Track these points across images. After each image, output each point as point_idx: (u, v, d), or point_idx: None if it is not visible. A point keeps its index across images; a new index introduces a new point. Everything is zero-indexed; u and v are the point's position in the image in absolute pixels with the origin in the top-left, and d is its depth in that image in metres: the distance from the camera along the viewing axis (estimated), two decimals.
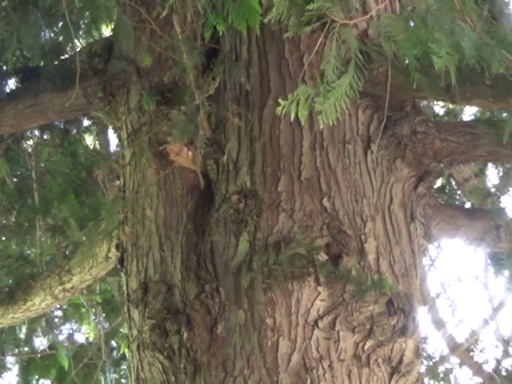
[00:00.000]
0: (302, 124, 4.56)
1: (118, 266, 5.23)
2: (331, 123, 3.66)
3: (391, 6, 4.98)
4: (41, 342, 8.80)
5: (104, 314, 8.63)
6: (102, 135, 7.81)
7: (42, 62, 6.02)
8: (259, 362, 4.07)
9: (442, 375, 9.20)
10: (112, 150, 7.65)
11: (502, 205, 7.15)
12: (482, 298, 9.38)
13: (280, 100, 3.61)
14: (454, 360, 9.14)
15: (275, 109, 4.55)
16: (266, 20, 3.61)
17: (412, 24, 3.71)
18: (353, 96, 3.71)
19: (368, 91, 4.56)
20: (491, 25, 3.55)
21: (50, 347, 8.32)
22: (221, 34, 3.89)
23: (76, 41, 5.86)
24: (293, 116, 3.62)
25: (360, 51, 4.06)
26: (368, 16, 3.72)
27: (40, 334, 8.74)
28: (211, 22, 3.65)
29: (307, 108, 3.59)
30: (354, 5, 4.08)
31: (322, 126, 3.69)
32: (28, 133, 7.59)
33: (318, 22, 3.60)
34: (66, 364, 7.86)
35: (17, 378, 8.92)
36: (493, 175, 7.75)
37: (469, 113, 8.20)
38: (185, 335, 4.29)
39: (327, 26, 3.61)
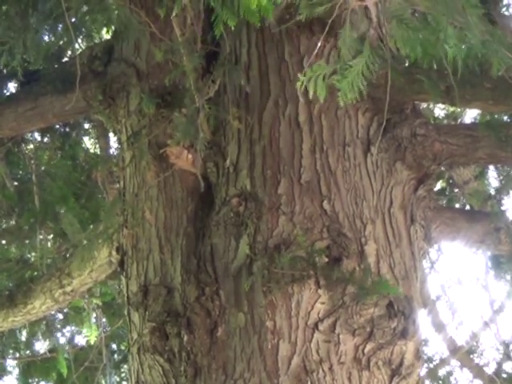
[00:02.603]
0: (302, 126, 4.57)
1: (118, 269, 5.23)
2: (351, 101, 3.62)
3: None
4: (41, 346, 8.81)
5: (105, 317, 8.64)
6: (101, 138, 7.80)
7: (42, 66, 6.01)
8: (259, 364, 4.07)
9: (442, 378, 9.20)
10: (112, 153, 7.66)
11: (502, 207, 7.16)
12: (483, 301, 9.37)
13: (299, 75, 3.57)
14: (455, 363, 9.15)
15: (275, 111, 4.61)
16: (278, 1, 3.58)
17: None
18: (369, 76, 3.68)
19: (368, 94, 4.57)
20: (490, 27, 3.54)
21: (51, 350, 8.32)
22: (222, 35, 3.88)
23: (76, 44, 5.84)
24: (311, 93, 3.58)
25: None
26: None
27: (40, 337, 8.73)
28: (221, 17, 3.62)
29: (325, 86, 3.56)
30: None
31: (341, 104, 3.64)
32: (28, 136, 7.61)
33: (330, 2, 3.58)
34: (65, 370, 7.86)
35: (17, 382, 8.92)
36: (493, 178, 7.76)
37: (469, 116, 8.22)
38: (185, 338, 4.28)
39: (337, 8, 3.59)
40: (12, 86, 6.50)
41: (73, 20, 4.91)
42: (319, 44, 4.15)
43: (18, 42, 4.86)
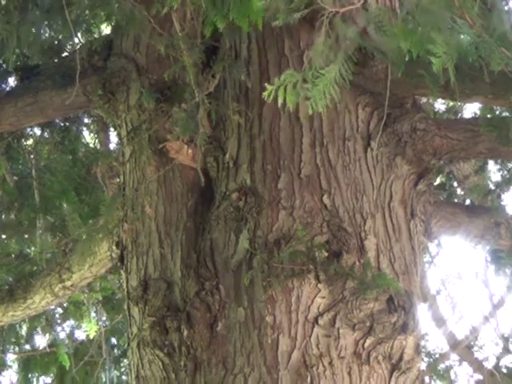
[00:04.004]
0: (302, 121, 4.57)
1: (118, 264, 5.23)
2: (321, 109, 3.61)
3: (391, 3, 4.98)
4: (41, 340, 8.82)
5: (104, 312, 8.65)
6: (101, 133, 7.80)
7: (42, 60, 6.01)
8: (259, 359, 4.08)
9: (442, 372, 9.21)
10: (112, 148, 7.66)
11: (502, 202, 7.15)
12: (482, 295, 9.37)
13: (266, 84, 3.55)
14: (454, 357, 9.15)
15: (275, 106, 4.57)
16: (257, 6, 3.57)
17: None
18: (342, 84, 3.68)
19: (368, 88, 4.57)
20: (491, 23, 3.53)
21: (51, 345, 8.33)
22: (221, 31, 3.88)
23: (76, 38, 5.84)
24: (280, 101, 3.56)
25: (359, 48, 4.06)
26: (358, 5, 3.67)
27: (40, 331, 8.74)
28: (211, 19, 3.63)
29: (295, 94, 3.55)
30: None
31: (310, 113, 3.62)
32: (28, 131, 7.59)
33: (307, 9, 3.59)
34: (67, 362, 7.87)
35: (17, 376, 8.93)
36: (493, 172, 7.76)
37: (469, 110, 8.21)
38: (185, 333, 4.29)
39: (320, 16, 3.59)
40: (12, 81, 6.48)
41: (73, 15, 4.89)
42: None
43: (11, 35, 4.86)
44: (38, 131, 7.70)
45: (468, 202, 7.63)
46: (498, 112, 6.92)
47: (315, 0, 3.49)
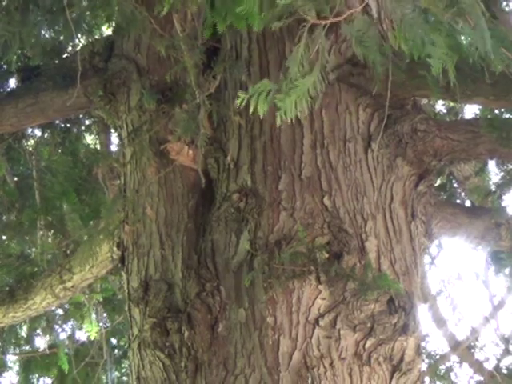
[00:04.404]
0: (303, 122, 4.57)
1: (119, 265, 5.23)
2: (289, 121, 3.61)
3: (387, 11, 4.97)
4: (42, 341, 8.82)
5: (105, 313, 8.65)
6: (102, 134, 7.80)
7: (43, 61, 6.01)
8: (260, 360, 4.08)
9: (442, 373, 9.21)
10: (113, 149, 7.67)
11: (502, 203, 7.15)
12: (483, 297, 9.38)
13: (239, 92, 3.55)
14: (455, 358, 9.15)
15: (275, 108, 4.59)
16: (237, 10, 3.57)
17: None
18: (315, 97, 3.68)
19: (368, 89, 4.57)
20: (492, 24, 3.53)
21: (51, 346, 8.33)
22: (221, 33, 3.89)
23: (76, 39, 5.84)
24: (251, 110, 3.55)
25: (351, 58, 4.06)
26: (342, 18, 3.66)
27: (41, 332, 8.74)
28: (210, 21, 3.64)
29: (267, 103, 3.54)
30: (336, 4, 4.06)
31: (278, 123, 3.62)
32: (29, 132, 7.60)
33: (289, 18, 3.58)
34: (65, 366, 7.86)
35: (17, 377, 8.93)
36: (494, 173, 7.76)
37: (470, 111, 8.21)
38: (186, 334, 4.29)
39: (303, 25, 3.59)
40: (13, 82, 6.49)
41: (73, 15, 4.90)
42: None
43: (14, 36, 4.86)
44: (38, 132, 7.72)
45: (468, 203, 7.62)
46: (498, 113, 6.91)
47: (297, 11, 3.49)
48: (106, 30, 7.46)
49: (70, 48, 6.53)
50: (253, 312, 4.20)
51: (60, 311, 8.72)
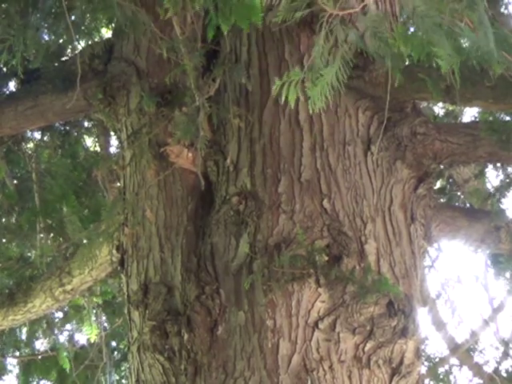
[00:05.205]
0: (302, 125, 4.57)
1: (119, 268, 5.23)
2: (316, 110, 3.63)
3: (391, 8, 4.98)
4: (41, 344, 8.81)
5: (105, 316, 8.64)
6: (102, 137, 7.80)
7: (42, 64, 6.01)
8: (260, 363, 4.08)
9: (442, 376, 9.20)
10: (112, 152, 7.67)
11: (502, 206, 7.15)
12: (482, 299, 9.38)
13: (276, 79, 3.58)
14: (454, 361, 9.15)
15: (275, 110, 4.61)
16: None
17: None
18: (338, 87, 3.69)
19: (368, 92, 4.57)
20: (492, 26, 3.53)
21: (51, 349, 8.32)
22: (222, 34, 3.89)
23: (76, 42, 5.84)
24: (283, 98, 3.58)
25: (360, 52, 4.07)
26: (358, 9, 3.68)
27: (41, 335, 8.74)
28: (214, 22, 3.64)
29: (296, 92, 3.56)
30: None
31: (311, 112, 3.64)
32: (28, 134, 7.60)
33: (308, 9, 3.59)
34: (67, 366, 7.87)
35: (17, 380, 8.92)
36: (493, 176, 7.77)
37: (469, 114, 8.22)
38: (185, 337, 4.29)
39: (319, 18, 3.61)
40: (12, 85, 6.49)
41: (73, 18, 4.90)
42: None
43: (18, 39, 4.86)
44: (38, 135, 7.71)
45: (468, 206, 7.62)
46: (497, 116, 6.91)
47: (316, 0, 3.50)
48: (106, 33, 7.46)
49: (69, 51, 6.52)
50: (252, 315, 4.19)
51: (60, 314, 8.72)
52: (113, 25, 6.03)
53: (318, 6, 3.53)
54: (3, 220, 7.82)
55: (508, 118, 6.49)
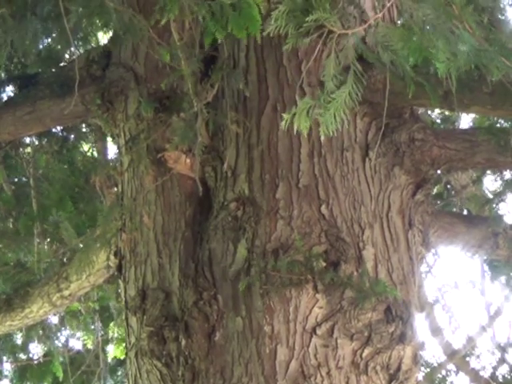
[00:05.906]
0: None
1: (116, 273, 5.23)
2: (331, 134, 3.67)
3: (389, 14, 4.99)
4: (37, 348, 8.79)
5: (101, 322, 8.63)
6: (99, 142, 7.80)
7: (40, 69, 6.01)
8: (257, 369, 4.07)
9: (438, 382, 9.19)
10: (110, 157, 7.66)
11: (500, 212, 7.16)
12: (479, 305, 9.37)
13: (284, 115, 3.63)
14: (451, 367, 9.14)
15: (273, 116, 4.61)
16: (265, 33, 3.64)
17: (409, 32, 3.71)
18: (352, 105, 3.72)
19: (366, 98, 4.57)
20: (490, 32, 3.54)
21: (47, 354, 8.31)
22: (219, 41, 3.90)
23: (73, 48, 5.84)
24: (296, 129, 3.62)
25: (358, 58, 4.08)
26: (366, 26, 3.71)
27: (36, 341, 8.72)
28: (211, 29, 3.65)
29: (309, 120, 3.60)
30: (351, 13, 4.10)
31: (322, 137, 3.69)
32: (26, 140, 7.59)
33: (316, 32, 3.61)
34: (60, 373, 7.85)
35: None
36: (491, 182, 7.77)
37: (466, 120, 8.23)
38: (183, 342, 4.29)
39: (325, 35, 3.63)
40: (10, 90, 6.49)
41: (71, 23, 4.89)
42: (317, 48, 4.15)
43: (5, 41, 4.87)
44: (35, 140, 7.70)
45: (465, 212, 7.62)
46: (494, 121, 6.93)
47: (324, 24, 3.52)
48: (103, 39, 7.47)
49: (67, 56, 6.52)
50: (250, 321, 4.19)
51: (56, 319, 8.71)
52: (110, 30, 6.03)
53: (326, 29, 3.56)
54: (0, 225, 7.82)
55: (506, 125, 6.49)
